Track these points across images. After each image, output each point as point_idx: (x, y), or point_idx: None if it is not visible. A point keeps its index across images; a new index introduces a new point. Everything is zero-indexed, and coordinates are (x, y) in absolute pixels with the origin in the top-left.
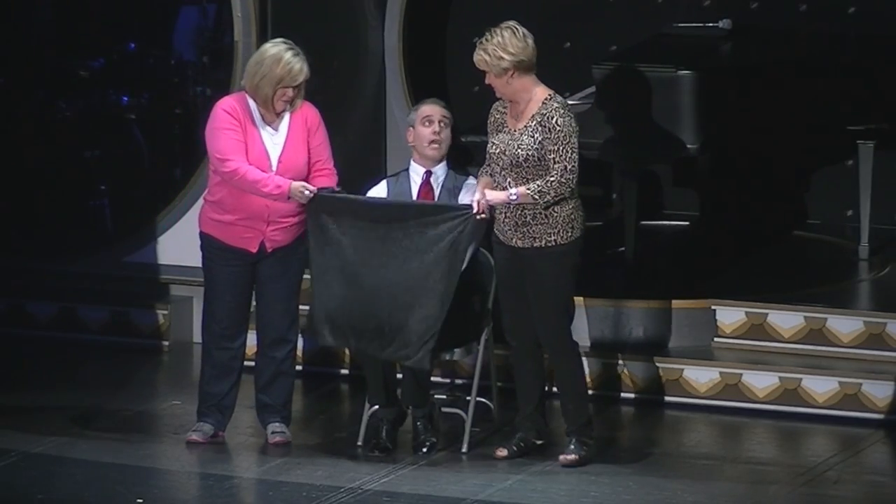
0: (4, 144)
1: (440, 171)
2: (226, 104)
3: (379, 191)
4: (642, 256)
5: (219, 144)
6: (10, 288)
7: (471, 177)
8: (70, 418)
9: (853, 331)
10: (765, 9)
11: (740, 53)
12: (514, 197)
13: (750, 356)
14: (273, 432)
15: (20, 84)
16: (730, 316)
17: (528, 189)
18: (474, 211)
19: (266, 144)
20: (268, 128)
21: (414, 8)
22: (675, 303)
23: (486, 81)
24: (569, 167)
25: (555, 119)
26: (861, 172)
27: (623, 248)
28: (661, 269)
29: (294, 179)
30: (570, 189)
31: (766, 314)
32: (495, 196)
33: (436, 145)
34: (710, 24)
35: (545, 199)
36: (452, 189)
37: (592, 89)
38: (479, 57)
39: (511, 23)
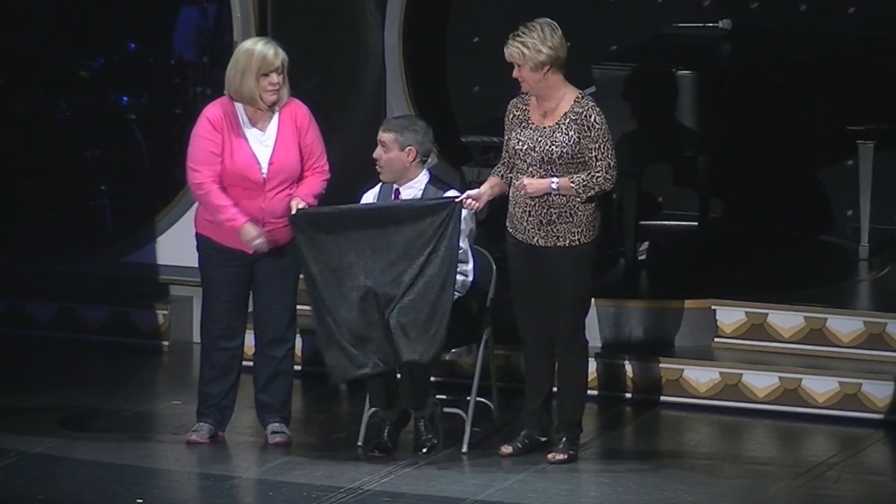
0: (4, 144)
1: (413, 189)
2: (210, 112)
3: (373, 192)
4: (643, 256)
5: (193, 153)
6: (10, 288)
7: (452, 190)
8: (70, 418)
9: (853, 331)
10: (765, 9)
11: (740, 53)
12: (556, 186)
13: (750, 356)
14: (273, 432)
15: (20, 84)
16: (730, 316)
17: (572, 182)
18: (458, 199)
19: (254, 147)
20: (255, 129)
21: (414, 8)
22: (675, 303)
23: (516, 75)
24: (611, 164)
25: (593, 118)
26: (861, 172)
27: (623, 248)
28: (661, 269)
29: (286, 181)
30: (611, 186)
31: (766, 314)
32: (537, 184)
33: (379, 172)
34: (710, 24)
35: (588, 194)
36: None
37: (592, 89)
38: (517, 49)
39: (548, 20)
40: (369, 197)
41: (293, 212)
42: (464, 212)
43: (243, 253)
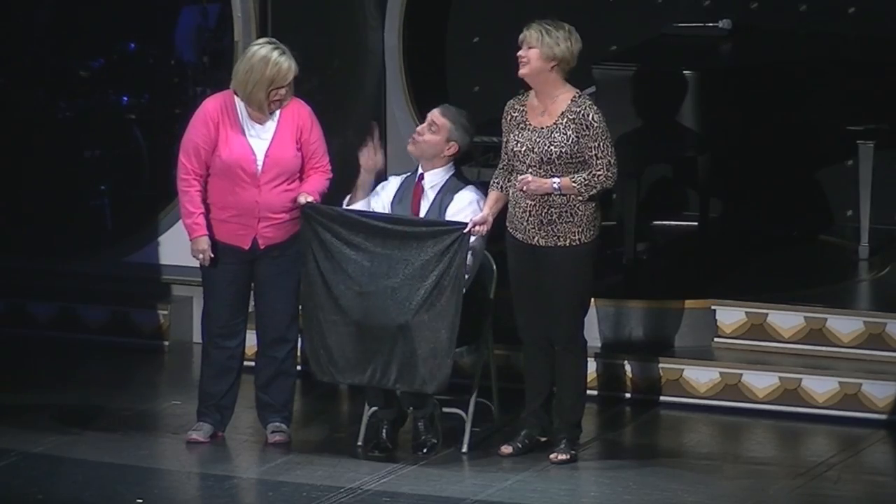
0: (4, 144)
1: (436, 177)
2: (209, 104)
3: (393, 182)
4: (643, 256)
5: (184, 143)
6: (10, 288)
7: (468, 187)
8: (70, 418)
9: (853, 331)
10: (765, 9)
11: (740, 53)
12: (557, 186)
13: (750, 356)
14: (273, 431)
15: (20, 84)
16: (730, 316)
17: (574, 181)
18: (466, 230)
19: (251, 140)
20: (255, 124)
21: (414, 8)
22: (675, 303)
23: (523, 53)
24: (612, 162)
25: (591, 116)
26: (861, 172)
27: (622, 248)
28: (661, 269)
29: (282, 175)
30: (613, 184)
31: (766, 314)
32: (539, 183)
33: (411, 141)
34: (710, 24)
35: (589, 193)
36: (443, 197)
37: (592, 89)
38: (536, 33)
39: (573, 28)
40: (393, 180)
41: (302, 203)
42: (472, 238)
43: (240, 250)
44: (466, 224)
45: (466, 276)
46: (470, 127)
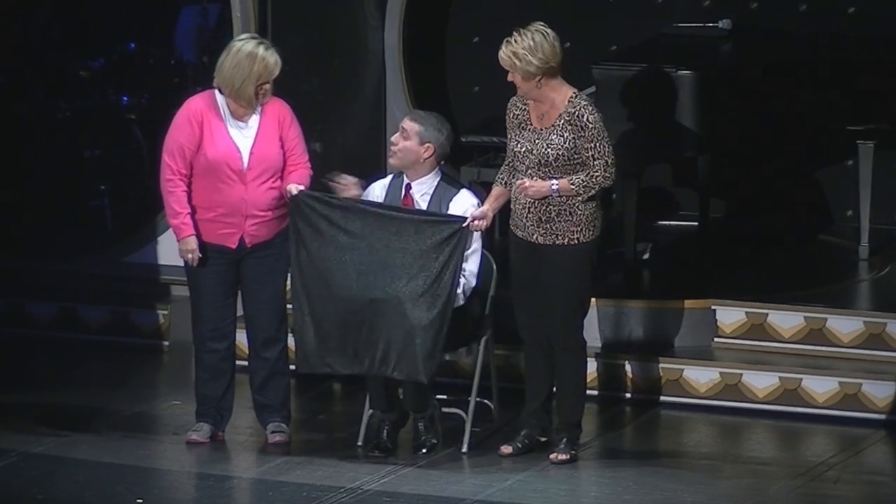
0: (4, 144)
1: (424, 185)
2: (192, 104)
3: (383, 183)
4: (643, 256)
5: (167, 143)
6: (10, 288)
7: (463, 190)
8: (70, 418)
9: (853, 331)
10: (765, 9)
11: (740, 53)
12: (556, 188)
13: (750, 356)
14: (273, 431)
15: (20, 84)
16: (730, 316)
17: (572, 183)
18: (465, 224)
19: (235, 138)
20: (237, 122)
21: (414, 8)
22: (675, 303)
23: (510, 80)
24: (609, 161)
25: (586, 117)
26: (861, 172)
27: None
28: (661, 269)
29: (267, 171)
30: (611, 183)
31: (766, 314)
32: (539, 186)
33: (390, 155)
34: (710, 24)
35: (588, 193)
36: (439, 204)
37: (592, 89)
38: (508, 59)
39: (540, 26)
40: (377, 188)
41: (294, 192)
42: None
43: (227, 249)
44: (466, 218)
45: (475, 281)
46: (441, 126)
